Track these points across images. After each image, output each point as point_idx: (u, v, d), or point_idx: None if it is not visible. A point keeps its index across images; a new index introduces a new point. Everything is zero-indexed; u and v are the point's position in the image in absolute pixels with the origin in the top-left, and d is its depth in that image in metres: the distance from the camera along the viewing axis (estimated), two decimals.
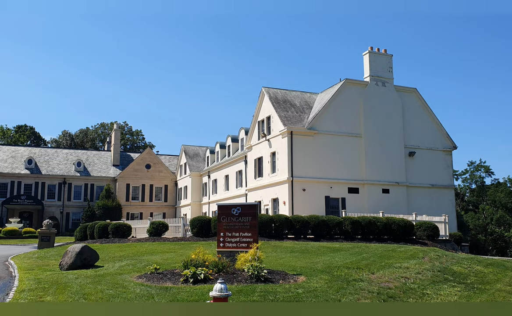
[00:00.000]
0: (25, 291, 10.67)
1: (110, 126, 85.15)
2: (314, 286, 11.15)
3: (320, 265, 14.59)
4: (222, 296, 7.00)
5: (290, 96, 36.75)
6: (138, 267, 14.51)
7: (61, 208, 56.36)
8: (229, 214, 13.21)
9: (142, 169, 59.78)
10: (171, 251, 19.56)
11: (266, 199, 34.48)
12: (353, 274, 13.03)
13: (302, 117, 34.38)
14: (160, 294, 9.85)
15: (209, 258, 12.34)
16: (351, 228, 23.84)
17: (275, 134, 33.92)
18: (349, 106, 34.25)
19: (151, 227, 26.96)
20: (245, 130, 42.45)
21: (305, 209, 29.82)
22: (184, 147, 57.69)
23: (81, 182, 58.18)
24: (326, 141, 33.01)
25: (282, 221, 23.92)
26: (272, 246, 20.05)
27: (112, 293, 10.02)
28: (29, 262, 17.94)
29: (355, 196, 32.96)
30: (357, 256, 16.89)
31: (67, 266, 14.81)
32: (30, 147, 63.10)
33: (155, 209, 58.32)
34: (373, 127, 34.47)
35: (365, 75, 35.73)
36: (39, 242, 26.91)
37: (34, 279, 12.65)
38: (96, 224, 29.52)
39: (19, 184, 55.27)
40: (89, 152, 64.18)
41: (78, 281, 11.81)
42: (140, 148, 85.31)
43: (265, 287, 10.65)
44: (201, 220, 25.87)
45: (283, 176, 32.16)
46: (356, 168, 33.51)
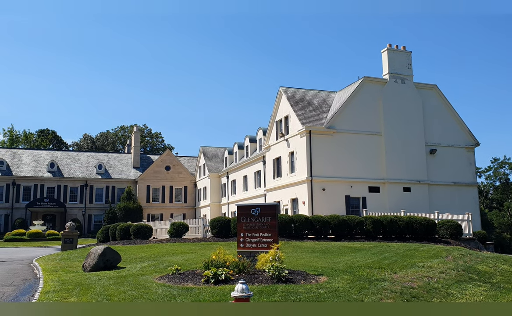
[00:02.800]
0: (50, 292, 10.85)
1: (130, 129, 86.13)
2: (336, 286, 11.05)
3: (341, 265, 14.46)
4: (243, 296, 6.99)
5: (308, 96, 36.58)
6: (159, 267, 14.61)
7: (83, 210, 57.25)
8: (249, 214, 13.19)
9: (162, 171, 60.32)
10: (191, 251, 19.65)
11: (285, 199, 34.38)
12: (375, 274, 12.88)
13: (321, 116, 34.18)
14: (182, 295, 9.90)
15: (230, 259, 12.36)
16: (372, 228, 23.57)
17: (293, 134, 33.81)
18: (368, 104, 33.92)
19: (172, 228, 27.16)
20: (263, 130, 42.42)
21: (325, 209, 29.63)
22: (203, 149, 57.99)
23: (103, 184, 58.99)
24: (346, 140, 32.76)
25: (302, 221, 23.80)
26: (292, 246, 19.97)
27: (134, 294, 10.11)
28: (53, 263, 18.25)
29: (375, 195, 32.62)
30: (379, 256, 16.69)
31: (90, 267, 15.00)
32: (52, 151, 64.27)
33: (175, 210, 58.77)
34: (393, 125, 34.06)
35: (384, 72, 35.34)
36: (62, 244, 27.37)
37: (58, 280, 12.85)
38: (118, 226, 29.86)
39: (42, 187, 56.35)
40: (109, 155, 65.05)
41: (101, 282, 11.95)
42: (160, 150, 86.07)
43: (286, 287, 10.61)
44: (220, 220, 25.94)
45: (302, 176, 32.02)
46: (376, 166, 33.17)
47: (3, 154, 58.62)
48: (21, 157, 59.00)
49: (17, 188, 55.30)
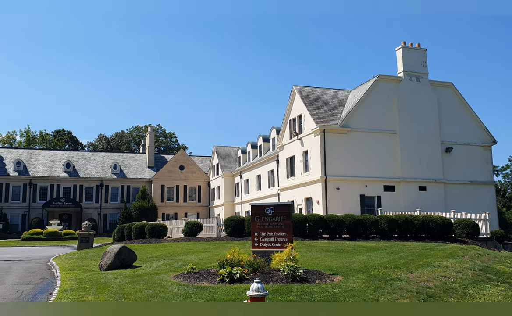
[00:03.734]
0: (67, 290, 10.99)
1: (145, 129, 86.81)
2: (351, 286, 10.99)
3: (356, 264, 14.39)
4: (259, 295, 6.99)
5: (322, 94, 36.44)
6: (174, 266, 14.70)
7: (99, 209, 57.88)
8: (263, 213, 13.20)
9: (176, 170, 60.68)
10: (206, 250, 19.73)
11: (299, 198, 34.31)
12: (391, 274, 12.77)
13: (335, 115, 34.02)
14: (197, 294, 9.94)
15: (244, 258, 12.37)
16: (387, 227, 23.39)
17: (307, 133, 33.71)
18: (383, 102, 33.67)
19: (186, 227, 27.30)
20: (276, 129, 42.37)
21: (340, 208, 29.51)
22: (216, 148, 58.17)
23: (118, 184, 59.56)
24: (360, 139, 32.56)
25: (316, 220, 23.73)
26: (307, 246, 19.93)
27: (150, 293, 10.18)
28: (70, 262, 18.46)
29: (391, 194, 32.37)
30: (394, 255, 16.56)
31: (106, 266, 15.15)
32: (68, 151, 65.10)
33: (189, 209, 59.10)
34: (408, 124, 33.76)
35: (398, 71, 35.04)
36: (79, 243, 27.69)
37: (75, 279, 13.00)
38: (133, 225, 30.11)
39: (58, 187, 57.12)
40: (124, 155, 65.66)
41: (118, 281, 12.06)
42: (174, 150, 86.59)
43: (301, 286, 10.58)
44: (234, 220, 25.99)
45: (316, 175, 31.92)
46: (391, 165, 32.91)
47: (20, 154, 59.55)
48: (37, 157, 59.87)
49: (34, 188, 56.13)
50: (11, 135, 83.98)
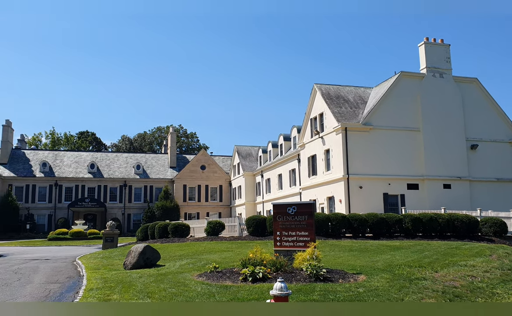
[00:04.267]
0: (93, 289, 11.18)
1: (166, 129, 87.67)
2: (375, 285, 10.87)
3: (380, 263, 14.23)
4: (282, 294, 6.97)
5: (343, 92, 36.14)
6: (197, 265, 14.79)
7: (123, 209, 58.71)
8: (285, 213, 13.17)
9: (198, 170, 61.09)
10: (228, 250, 19.80)
11: (321, 197, 34.12)
12: (416, 273, 12.59)
13: (357, 113, 33.71)
14: (220, 293, 9.98)
15: (267, 257, 12.36)
16: (411, 226, 23.06)
17: (328, 131, 33.49)
18: (406, 99, 33.20)
19: (209, 227, 27.46)
20: (297, 128, 42.22)
21: (362, 207, 29.24)
22: (237, 148, 58.31)
23: (141, 184, 60.32)
24: (383, 136, 32.18)
25: (339, 219, 23.58)
26: (330, 245, 19.81)
27: (174, 292, 10.27)
28: (95, 262, 18.77)
29: (414, 192, 31.90)
30: (419, 254, 16.33)
31: (130, 265, 15.35)
32: (92, 153, 66.21)
33: (211, 209, 59.42)
34: (432, 121, 33.20)
35: (421, 67, 34.50)
36: (103, 242, 28.14)
37: (101, 278, 13.21)
38: (156, 224, 30.45)
39: (83, 187, 58.18)
40: (147, 156, 66.45)
41: (142, 280, 12.21)
42: (195, 150, 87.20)
43: (325, 286, 10.52)
44: (256, 219, 26.01)
45: (338, 174, 31.69)
46: (415, 163, 32.43)
47: (45, 156, 60.87)
48: (62, 159, 61.09)
49: (59, 189, 57.28)
50: (37, 137, 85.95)
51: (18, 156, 59.33)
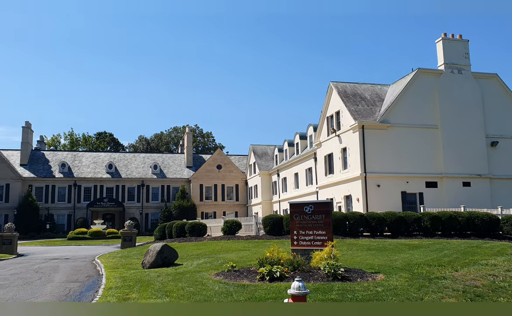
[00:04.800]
0: (112, 288, 11.29)
1: (182, 129, 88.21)
2: (394, 284, 10.74)
3: (399, 262, 14.07)
4: (300, 294, 6.92)
5: (359, 90, 35.86)
6: (215, 264, 14.82)
7: (140, 209, 59.26)
8: (302, 212, 13.10)
9: (214, 170, 61.33)
10: (245, 249, 19.81)
11: (338, 196, 33.92)
12: (435, 272, 12.41)
13: (374, 110, 33.41)
14: (238, 292, 9.98)
15: (284, 256, 12.32)
16: (430, 224, 22.77)
17: (345, 129, 33.27)
18: (423, 96, 32.80)
19: (225, 226, 27.53)
20: (314, 126, 42.04)
21: (380, 205, 28.99)
22: (253, 147, 58.34)
23: (158, 184, 60.79)
24: (400, 134, 31.84)
25: (356, 218, 23.42)
26: (347, 244, 19.68)
27: (192, 291, 10.31)
28: (114, 261, 18.97)
29: (433, 190, 31.49)
30: (438, 253, 16.10)
31: (148, 264, 15.47)
32: (110, 153, 66.96)
33: (227, 208, 59.58)
34: (451, 118, 32.73)
35: (439, 63, 34.03)
36: (122, 242, 28.44)
37: (120, 277, 13.34)
38: (174, 224, 30.65)
39: (101, 187, 58.89)
40: (164, 156, 66.94)
41: (160, 279, 12.29)
42: (211, 149, 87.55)
43: (343, 285, 10.44)
44: (273, 218, 25.99)
45: (355, 172, 31.46)
46: (433, 161, 32.02)
47: (64, 157, 61.79)
48: (81, 159, 61.93)
49: (78, 189, 58.09)
50: (56, 138, 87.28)
51: (37, 157, 60.35)
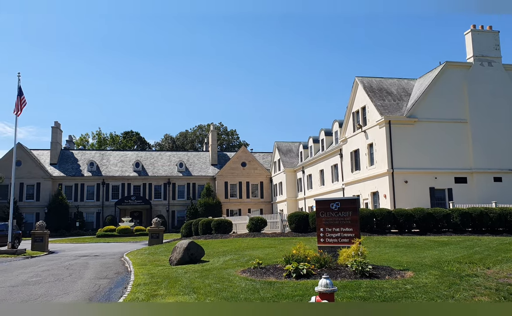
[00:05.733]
0: (140, 285, 11.44)
1: (207, 127, 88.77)
2: (424, 282, 10.54)
3: (428, 259, 13.81)
4: (328, 291, 6.85)
5: (386, 84, 35.33)
6: (241, 261, 14.86)
7: (167, 206, 59.99)
8: (328, 209, 12.99)
9: (238, 167, 61.51)
10: (271, 246, 19.79)
11: (365, 192, 33.53)
12: (466, 269, 12.12)
13: (400, 105, 32.87)
14: (264, 289, 9.97)
15: (310, 254, 12.25)
16: (460, 220, 22.29)
17: (371, 125, 32.83)
18: (452, 90, 32.07)
19: (251, 223, 27.58)
20: (339, 122, 41.65)
21: (408, 202, 28.54)
22: (277, 144, 58.23)
23: (184, 182, 61.39)
24: (428, 129, 31.23)
25: (384, 215, 23.12)
26: (375, 241, 19.44)
27: (219, 287, 10.36)
28: (142, 257, 19.23)
29: (462, 186, 30.78)
30: (469, 250, 15.73)
31: (176, 261, 15.62)
32: (137, 152, 67.98)
33: (252, 205, 59.70)
34: (480, 111, 31.91)
35: (468, 56, 33.20)
36: (149, 239, 28.84)
37: (148, 273, 13.51)
38: (200, 221, 30.90)
39: (128, 185, 59.86)
40: (189, 154, 67.53)
41: (187, 276, 12.39)
42: (235, 147, 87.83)
43: (371, 282, 10.30)
44: (298, 215, 25.89)
45: (382, 168, 31.03)
46: (462, 156, 31.29)
47: (93, 156, 63.06)
48: (109, 158, 63.09)
49: (106, 187, 59.19)
50: (84, 138, 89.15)
51: (67, 157, 61.77)
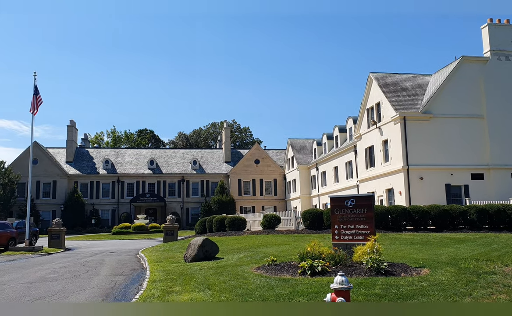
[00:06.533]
0: (156, 281, 11.53)
1: (220, 125, 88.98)
2: (440, 279, 10.42)
3: (444, 257, 13.65)
4: (343, 288, 6.81)
5: (400, 80, 34.99)
6: (255, 258, 14.86)
7: (181, 204, 60.33)
8: (343, 206, 12.93)
9: (252, 164, 61.54)
10: (285, 243, 19.77)
11: (380, 189, 33.28)
12: (483, 267, 11.95)
13: (415, 101, 32.53)
14: (279, 286, 9.96)
15: (325, 251, 12.20)
16: (477, 217, 21.99)
17: (386, 121, 32.56)
18: (468, 85, 31.63)
19: (265, 220, 27.59)
20: (353, 119, 41.39)
21: (423, 199, 28.26)
22: (291, 141, 58.09)
23: (197, 179, 61.67)
24: (444, 125, 30.87)
25: (399, 212, 22.93)
26: (390, 238, 19.30)
27: (234, 284, 10.38)
28: (157, 254, 19.36)
29: (479, 182, 30.37)
30: (486, 247, 15.51)
31: (190, 258, 15.70)
32: (151, 149, 68.47)
33: (266, 202, 59.69)
34: (497, 106, 31.44)
35: (484, 50, 32.70)
36: (164, 236, 29.06)
37: (163, 270, 13.60)
38: (214, 218, 31.01)
39: (143, 183, 60.33)
40: (203, 151, 67.79)
41: (202, 272, 12.44)
42: (249, 144, 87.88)
43: (386, 280, 10.23)
44: (312, 212, 25.81)
45: (397, 165, 30.76)
46: (479, 152, 30.87)
47: (108, 154, 63.67)
48: (123, 156, 63.64)
49: (121, 185, 59.75)
50: (99, 136, 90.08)
51: (82, 155, 62.49)
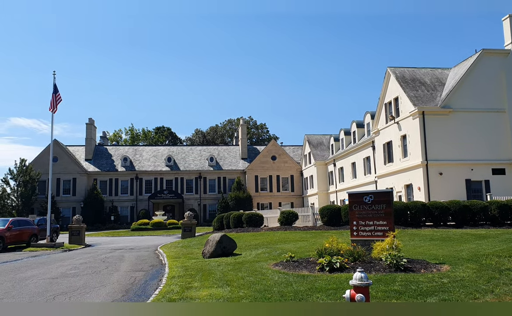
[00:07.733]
0: (175, 277, 11.62)
1: (237, 122, 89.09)
2: (461, 276, 10.27)
3: (464, 253, 13.46)
4: (362, 285, 6.75)
5: (419, 74, 34.52)
6: (273, 255, 14.87)
7: (199, 200, 60.69)
8: (361, 202, 12.84)
9: (268, 161, 61.50)
10: (303, 239, 19.73)
11: (398, 185, 32.94)
12: (506, 263, 11.73)
13: (434, 95, 32.06)
14: (298, 282, 9.95)
15: (343, 247, 12.14)
16: (498, 213, 21.61)
17: (404, 116, 32.18)
18: (489, 79, 31.04)
19: (282, 217, 27.56)
20: (371, 114, 41.02)
21: (443, 194, 27.88)
22: (308, 137, 57.86)
23: (214, 176, 61.93)
24: (464, 119, 30.36)
25: (418, 207, 22.68)
26: (409, 234, 19.10)
27: (252, 280, 10.40)
28: (175, 250, 19.52)
29: (501, 177, 29.82)
30: (508, 243, 15.21)
31: (209, 254, 15.79)
32: (169, 147, 68.97)
33: (283, 199, 59.62)
34: None
35: (505, 43, 32.05)
36: (182, 232, 29.30)
37: (182, 266, 13.70)
38: (231, 214, 31.11)
39: (161, 180, 60.86)
40: (219, 148, 68.03)
41: (220, 268, 12.50)
42: (265, 140, 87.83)
43: (406, 276, 10.13)
44: (330, 208, 25.70)
45: (416, 160, 30.39)
46: (500, 146, 30.29)
47: (126, 151, 64.37)
48: (141, 153, 64.27)
49: (139, 182, 60.36)
50: (117, 133, 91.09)
51: (101, 152, 63.29)
